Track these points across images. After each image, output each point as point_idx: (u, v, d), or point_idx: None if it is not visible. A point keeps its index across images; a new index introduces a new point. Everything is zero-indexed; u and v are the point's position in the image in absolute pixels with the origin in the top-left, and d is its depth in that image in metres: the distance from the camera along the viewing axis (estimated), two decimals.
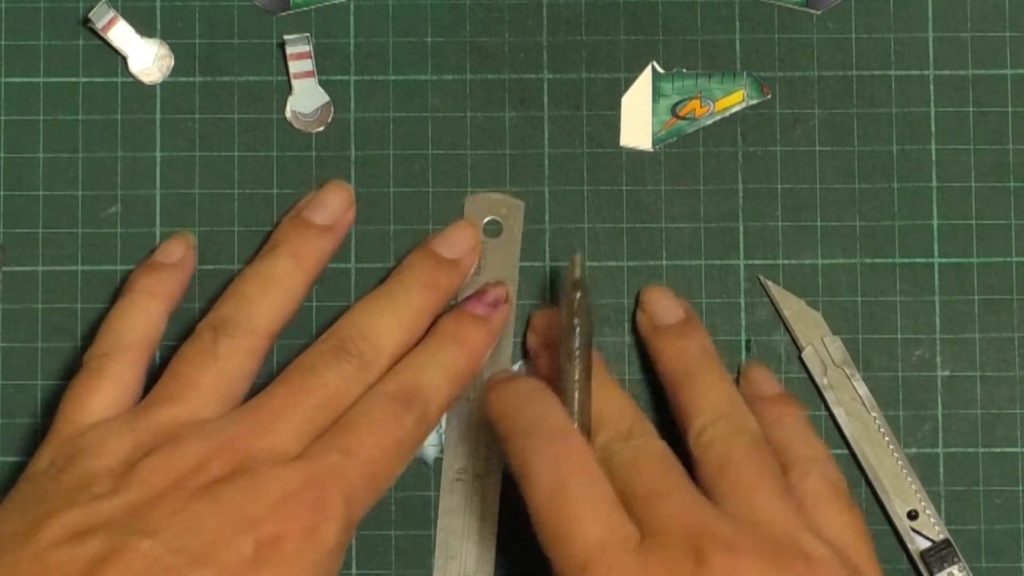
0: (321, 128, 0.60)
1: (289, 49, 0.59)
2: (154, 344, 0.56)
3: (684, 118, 0.60)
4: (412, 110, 0.60)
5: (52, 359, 0.59)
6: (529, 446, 0.50)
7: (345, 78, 0.60)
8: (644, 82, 0.60)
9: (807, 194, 0.59)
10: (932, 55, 0.60)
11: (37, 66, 0.59)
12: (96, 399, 0.53)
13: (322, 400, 0.52)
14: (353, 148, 0.59)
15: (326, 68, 0.60)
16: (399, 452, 0.53)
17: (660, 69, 0.60)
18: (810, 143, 0.60)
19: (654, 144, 0.60)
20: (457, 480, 0.57)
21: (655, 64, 0.60)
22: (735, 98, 0.60)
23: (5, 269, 0.59)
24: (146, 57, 0.60)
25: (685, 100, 0.60)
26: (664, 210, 0.59)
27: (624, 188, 0.59)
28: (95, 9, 0.59)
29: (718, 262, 0.59)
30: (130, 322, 0.55)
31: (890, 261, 0.59)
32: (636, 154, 0.60)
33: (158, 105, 0.60)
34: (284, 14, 0.60)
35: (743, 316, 0.59)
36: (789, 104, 0.60)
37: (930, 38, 0.60)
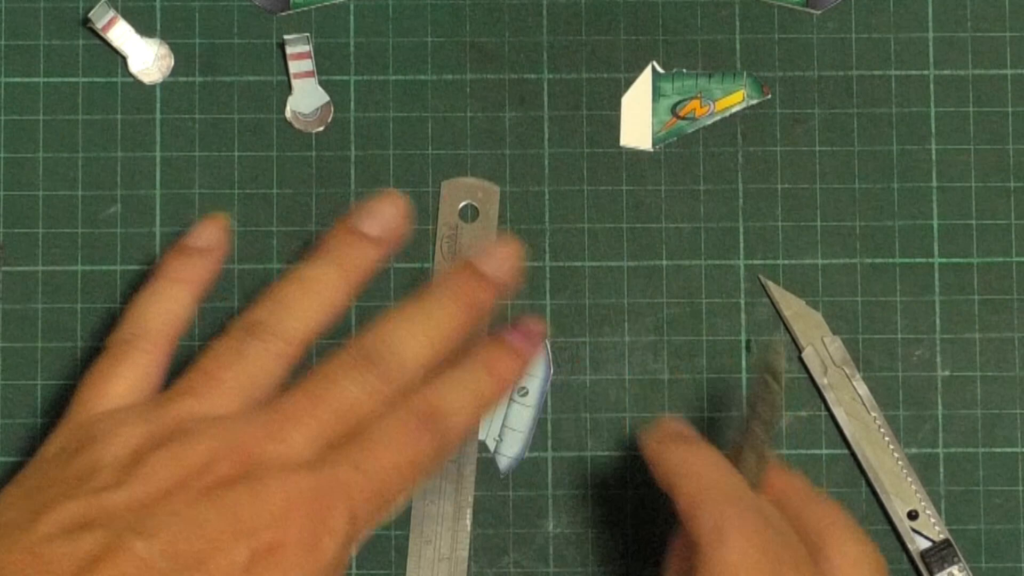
0: (321, 128, 0.60)
1: (289, 49, 0.59)
2: (178, 333, 0.54)
3: (684, 118, 0.60)
4: (412, 110, 0.60)
5: (52, 359, 0.59)
6: (729, 515, 0.49)
7: (345, 78, 0.60)
8: (644, 82, 0.60)
9: (807, 194, 0.59)
10: (932, 55, 0.60)
11: (37, 66, 0.60)
12: (114, 385, 0.52)
13: (339, 410, 0.50)
14: (353, 148, 0.59)
15: (326, 68, 0.60)
16: (412, 473, 0.51)
17: (660, 69, 0.60)
18: (810, 143, 0.60)
19: (654, 144, 0.60)
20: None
21: (655, 64, 0.60)
22: (735, 98, 0.60)
23: (5, 269, 0.59)
24: (146, 57, 0.60)
25: (685, 100, 0.60)
26: (664, 210, 0.59)
27: (624, 188, 0.59)
28: (95, 9, 0.59)
29: (718, 262, 0.59)
30: (155, 309, 0.54)
31: (890, 261, 0.59)
32: (636, 154, 0.60)
33: (158, 105, 0.60)
34: (284, 14, 0.60)
35: (743, 316, 0.59)
36: (789, 104, 0.60)
37: (930, 38, 0.60)
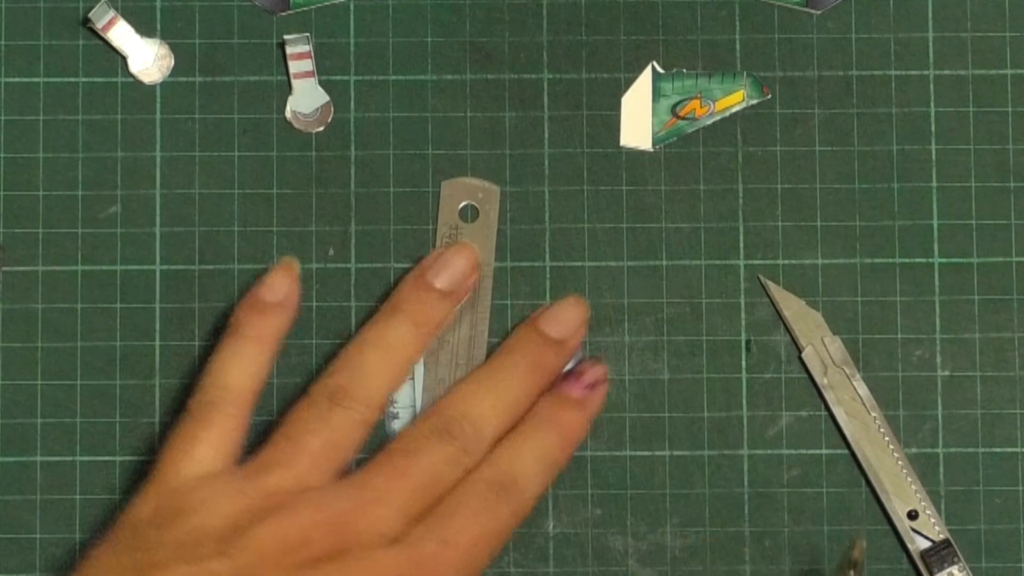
0: (321, 128, 0.60)
1: (289, 49, 0.59)
2: (259, 392, 0.55)
3: (684, 118, 0.60)
4: (412, 110, 0.60)
5: (52, 359, 0.59)
6: None
7: (345, 78, 0.60)
8: (644, 82, 0.60)
9: (807, 194, 0.59)
10: (932, 55, 0.60)
11: (37, 66, 0.60)
12: (201, 449, 0.53)
13: (423, 483, 0.53)
14: (353, 148, 0.59)
15: (326, 68, 0.60)
16: (496, 540, 0.53)
17: (660, 69, 0.60)
18: (810, 143, 0.60)
19: (654, 144, 0.60)
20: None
21: (655, 64, 0.60)
22: (735, 98, 0.60)
23: (5, 269, 0.59)
24: (146, 57, 0.60)
25: (685, 100, 0.60)
26: (664, 210, 0.59)
27: (624, 188, 0.59)
28: (95, 9, 0.59)
29: (718, 262, 0.59)
30: (238, 371, 0.55)
31: (890, 261, 0.59)
32: (636, 154, 0.60)
33: (158, 105, 0.60)
34: (284, 14, 0.60)
35: (743, 316, 0.59)
36: (789, 104, 0.60)
37: (930, 38, 0.60)
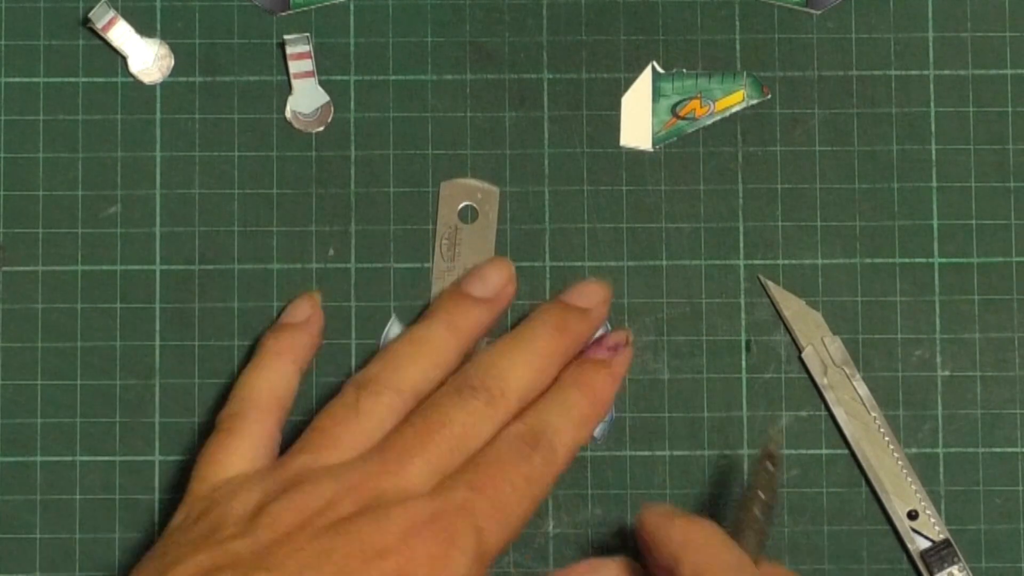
0: (321, 128, 0.60)
1: (289, 49, 0.59)
2: (287, 403, 0.56)
3: (684, 118, 0.60)
4: (412, 110, 0.60)
5: (52, 359, 0.59)
6: None
7: (345, 78, 0.60)
8: (644, 82, 0.60)
9: (807, 194, 0.59)
10: (932, 55, 0.60)
11: (37, 66, 0.59)
12: (230, 458, 0.54)
13: (450, 439, 0.52)
14: (353, 148, 0.59)
15: (326, 68, 0.60)
16: (528, 490, 0.52)
17: (660, 69, 0.60)
18: (810, 143, 0.60)
19: (654, 144, 0.60)
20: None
21: (655, 64, 0.60)
22: (735, 98, 0.60)
23: (5, 269, 0.59)
24: (146, 57, 0.60)
25: (685, 100, 0.60)
26: (664, 210, 0.59)
27: (624, 188, 0.59)
28: (95, 9, 0.59)
29: (718, 262, 0.59)
30: (261, 383, 0.56)
31: (890, 261, 0.59)
32: (636, 154, 0.60)
33: (158, 105, 0.60)
34: (284, 14, 0.60)
35: (743, 316, 0.59)
36: (789, 104, 0.60)
37: (930, 38, 0.60)
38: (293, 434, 0.55)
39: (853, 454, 0.58)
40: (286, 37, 0.59)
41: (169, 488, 0.58)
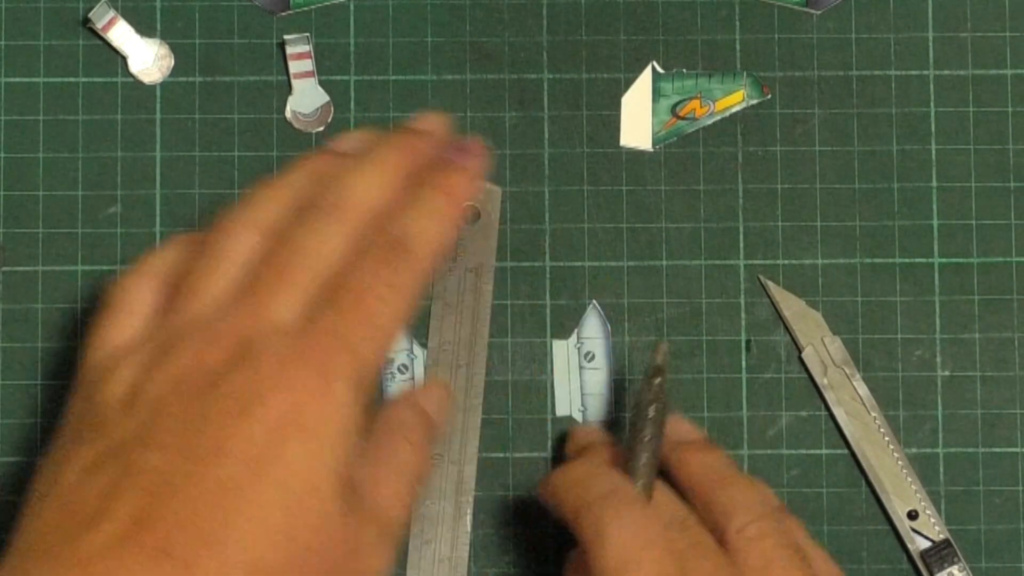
0: (321, 128, 0.60)
1: (289, 49, 0.59)
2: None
3: (684, 118, 0.60)
4: (412, 110, 0.60)
5: (52, 359, 0.59)
6: (607, 512, 0.51)
7: (345, 78, 0.60)
8: (644, 82, 0.60)
9: (807, 194, 0.59)
10: (932, 55, 0.60)
11: (37, 66, 0.60)
12: (110, 333, 0.51)
13: (307, 266, 0.50)
14: None
15: (326, 68, 0.60)
16: (395, 297, 0.50)
17: (660, 69, 0.60)
18: (810, 143, 0.60)
19: (654, 144, 0.60)
20: (432, 462, 0.57)
21: (655, 64, 0.60)
22: (735, 98, 0.60)
23: (5, 269, 0.59)
24: (146, 57, 0.60)
25: (685, 100, 0.60)
26: (664, 210, 0.59)
27: (624, 188, 0.59)
28: (95, 9, 0.59)
29: (718, 262, 0.59)
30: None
31: (890, 261, 0.59)
32: (636, 154, 0.60)
33: (158, 105, 0.60)
34: (284, 14, 0.60)
35: (743, 316, 0.59)
36: (789, 104, 0.60)
37: (930, 38, 0.60)
38: None
39: (853, 454, 0.58)
40: (286, 37, 0.59)
41: None
